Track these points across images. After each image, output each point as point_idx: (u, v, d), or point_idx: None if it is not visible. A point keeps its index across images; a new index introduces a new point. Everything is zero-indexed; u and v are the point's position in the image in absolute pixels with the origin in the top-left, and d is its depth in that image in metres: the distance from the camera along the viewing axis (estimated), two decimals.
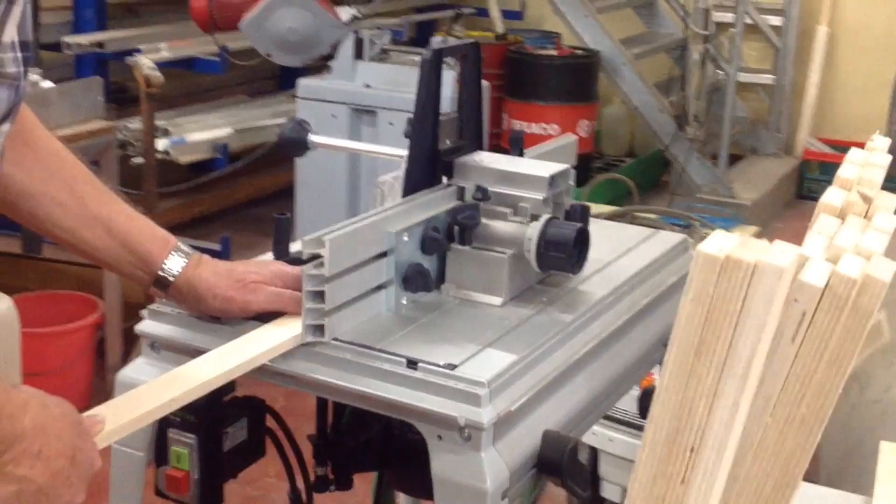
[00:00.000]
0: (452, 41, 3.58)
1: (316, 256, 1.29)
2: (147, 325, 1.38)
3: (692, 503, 1.00)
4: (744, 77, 6.01)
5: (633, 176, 5.02)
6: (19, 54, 1.01)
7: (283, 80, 5.87)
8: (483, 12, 6.15)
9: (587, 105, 5.61)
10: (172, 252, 1.36)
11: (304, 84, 3.85)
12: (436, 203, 1.48)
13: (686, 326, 0.99)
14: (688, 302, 0.98)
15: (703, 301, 0.96)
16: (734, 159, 5.90)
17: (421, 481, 1.24)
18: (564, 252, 1.43)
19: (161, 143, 4.31)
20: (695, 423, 1.00)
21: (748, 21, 5.92)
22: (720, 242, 0.96)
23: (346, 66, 3.75)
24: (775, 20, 6.25)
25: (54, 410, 1.02)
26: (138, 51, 4.31)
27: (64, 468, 1.00)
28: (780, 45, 6.20)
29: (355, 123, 3.74)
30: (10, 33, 0.99)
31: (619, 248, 1.68)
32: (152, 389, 1.18)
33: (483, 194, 1.48)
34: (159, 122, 4.34)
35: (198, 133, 4.61)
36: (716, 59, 5.67)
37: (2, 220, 1.30)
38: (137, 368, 1.37)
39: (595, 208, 1.57)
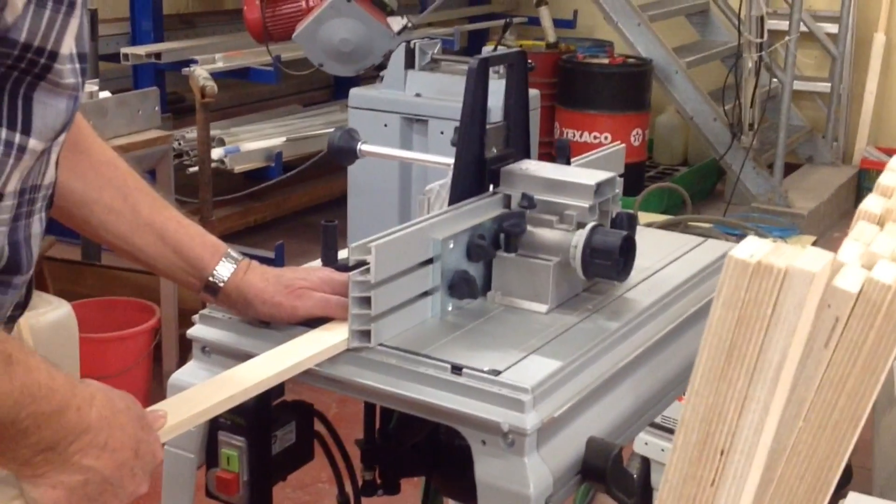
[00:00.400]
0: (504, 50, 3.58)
1: (362, 263, 1.30)
2: (198, 330, 1.41)
3: None
4: (800, 85, 5.94)
5: (687, 185, 4.98)
6: (77, 65, 1.04)
7: (336, 89, 5.93)
8: (535, 21, 6.15)
9: (640, 114, 5.58)
10: (223, 258, 1.38)
11: (356, 93, 3.89)
12: (482, 211, 1.49)
13: (717, 331, 0.99)
14: (719, 306, 0.98)
15: (734, 306, 0.96)
16: (790, 168, 5.83)
17: (467, 487, 1.24)
18: (610, 260, 1.44)
19: (216, 153, 4.38)
20: (725, 426, 1.00)
21: (803, 29, 5.85)
22: (751, 248, 0.96)
23: (397, 75, 3.77)
24: (831, 28, 6.17)
25: (119, 404, 1.04)
26: (194, 61, 4.39)
27: (128, 459, 1.03)
28: (837, 52, 6.12)
29: (406, 132, 3.76)
30: (69, 45, 1.01)
31: (666, 256, 1.68)
32: (208, 389, 1.21)
33: (529, 202, 1.49)
34: (215, 132, 4.41)
35: (252, 142, 4.67)
36: (770, 67, 5.62)
37: (62, 228, 1.33)
38: (189, 372, 1.39)
39: (648, 218, 1.58)
